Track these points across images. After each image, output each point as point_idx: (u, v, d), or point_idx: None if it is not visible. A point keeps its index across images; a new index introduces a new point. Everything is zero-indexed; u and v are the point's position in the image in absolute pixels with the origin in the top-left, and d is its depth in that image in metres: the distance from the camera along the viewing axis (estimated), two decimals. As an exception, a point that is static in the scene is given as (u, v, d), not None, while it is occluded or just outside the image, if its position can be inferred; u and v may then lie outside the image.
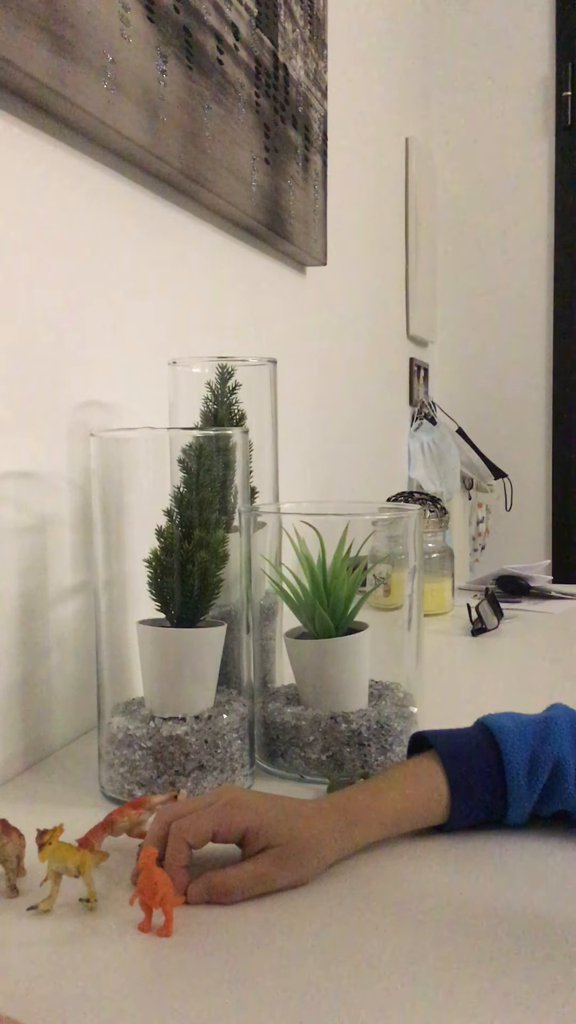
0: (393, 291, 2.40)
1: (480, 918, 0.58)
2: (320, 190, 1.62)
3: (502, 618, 1.47)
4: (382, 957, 0.53)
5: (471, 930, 0.56)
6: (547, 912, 0.58)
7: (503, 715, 0.73)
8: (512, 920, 0.57)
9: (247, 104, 1.28)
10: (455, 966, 0.52)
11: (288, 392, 1.27)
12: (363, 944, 0.55)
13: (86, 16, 0.87)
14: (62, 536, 0.92)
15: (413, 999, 0.49)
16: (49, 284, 0.90)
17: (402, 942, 0.55)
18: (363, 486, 2.07)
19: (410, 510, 0.87)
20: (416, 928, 0.57)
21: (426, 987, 0.50)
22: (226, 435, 0.81)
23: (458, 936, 0.55)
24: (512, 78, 2.86)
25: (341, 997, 0.49)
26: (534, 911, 0.59)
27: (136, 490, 0.80)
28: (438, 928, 0.56)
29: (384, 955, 0.53)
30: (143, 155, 1.02)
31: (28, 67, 0.79)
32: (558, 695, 0.82)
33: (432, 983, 0.51)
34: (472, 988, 0.50)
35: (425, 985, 0.51)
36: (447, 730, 0.72)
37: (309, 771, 0.81)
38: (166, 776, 0.74)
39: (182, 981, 0.51)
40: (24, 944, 0.55)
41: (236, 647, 0.81)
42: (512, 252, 2.89)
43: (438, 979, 0.51)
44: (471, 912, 0.58)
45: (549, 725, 0.70)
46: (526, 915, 0.58)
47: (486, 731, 0.71)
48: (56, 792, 0.80)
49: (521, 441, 2.90)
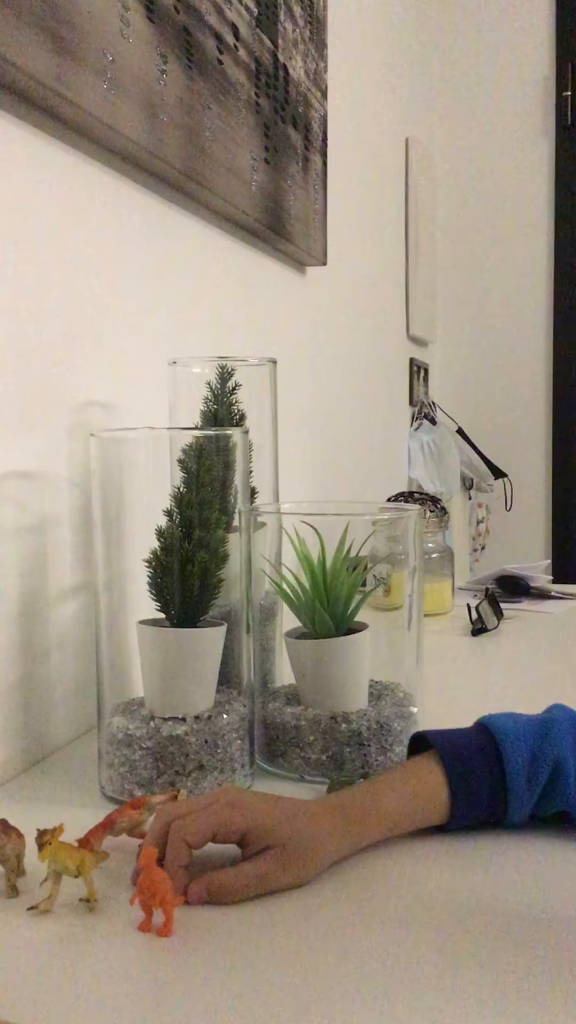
0: (393, 291, 2.40)
1: (480, 918, 0.58)
2: (320, 190, 1.62)
3: (502, 618, 1.47)
4: (382, 957, 0.53)
5: (471, 929, 0.56)
6: (547, 912, 0.58)
7: (503, 715, 0.73)
8: (512, 920, 0.57)
9: (247, 104, 1.28)
10: (455, 966, 0.52)
11: (288, 392, 1.27)
12: (363, 944, 0.55)
13: (86, 16, 0.87)
14: (62, 536, 0.92)
15: (413, 999, 0.49)
16: (49, 284, 0.90)
17: (402, 942, 0.55)
18: (363, 486, 2.07)
19: (410, 510, 0.87)
20: (416, 928, 0.57)
21: (426, 987, 0.50)
22: (226, 435, 0.81)
23: (458, 935, 0.55)
24: (512, 78, 2.86)
25: (341, 997, 0.49)
26: (534, 911, 0.59)
27: (136, 490, 0.80)
28: (438, 928, 0.56)
29: (384, 955, 0.53)
30: (143, 155, 1.02)
31: (28, 67, 0.79)
32: (558, 695, 0.82)
33: (432, 982, 0.51)
34: (472, 988, 0.50)
35: (425, 985, 0.50)
36: (447, 730, 0.72)
37: (309, 771, 0.81)
38: (166, 776, 0.74)
39: (182, 981, 0.51)
40: (24, 944, 0.55)
41: (236, 647, 0.81)
42: (512, 252, 2.89)
43: (438, 979, 0.51)
44: (471, 912, 0.58)
45: (549, 726, 0.70)
46: (526, 915, 0.58)
47: (486, 731, 0.71)
48: (56, 792, 0.80)
49: (521, 441, 2.90)
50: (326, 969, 0.52)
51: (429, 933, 0.56)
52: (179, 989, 0.50)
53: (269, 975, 0.51)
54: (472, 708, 1.05)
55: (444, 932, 0.56)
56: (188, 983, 0.51)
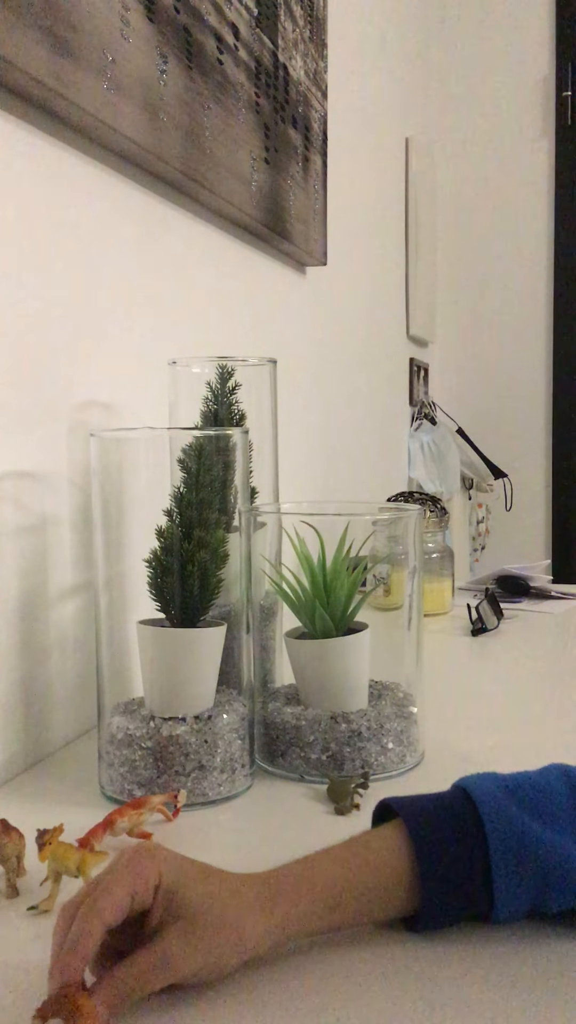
0: (393, 291, 2.40)
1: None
2: (320, 190, 1.62)
3: (502, 618, 1.47)
4: (382, 957, 0.53)
5: (470, 930, 0.56)
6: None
7: (485, 776, 0.58)
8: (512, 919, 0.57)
9: (247, 104, 1.28)
10: (453, 967, 0.52)
11: (288, 392, 1.27)
12: (361, 943, 0.55)
13: (86, 16, 0.87)
14: (62, 536, 0.92)
15: (413, 999, 0.49)
16: (49, 284, 0.90)
17: (402, 941, 0.55)
18: (363, 486, 2.07)
19: (410, 510, 0.87)
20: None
21: (426, 986, 0.50)
22: (226, 435, 0.81)
23: (457, 935, 0.55)
24: (512, 78, 2.86)
25: (341, 997, 0.49)
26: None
27: (136, 490, 0.80)
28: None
29: (384, 955, 0.53)
30: (143, 155, 1.02)
31: (28, 67, 0.79)
32: (558, 695, 0.82)
33: (432, 983, 0.51)
34: (472, 988, 0.50)
35: (425, 984, 0.50)
36: (415, 795, 0.58)
37: (309, 771, 0.81)
38: (166, 776, 0.74)
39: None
40: (24, 944, 0.55)
41: (236, 647, 0.81)
42: (512, 252, 2.89)
43: (438, 978, 0.51)
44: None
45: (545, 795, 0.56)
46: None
47: (463, 795, 0.56)
48: (56, 792, 0.80)
49: (521, 441, 2.90)
50: (326, 969, 0.52)
51: (430, 933, 0.56)
52: (179, 989, 0.50)
53: (269, 974, 0.51)
54: (472, 708, 1.05)
55: (444, 930, 0.56)
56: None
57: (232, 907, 0.49)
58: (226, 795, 0.77)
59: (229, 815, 0.74)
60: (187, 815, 0.74)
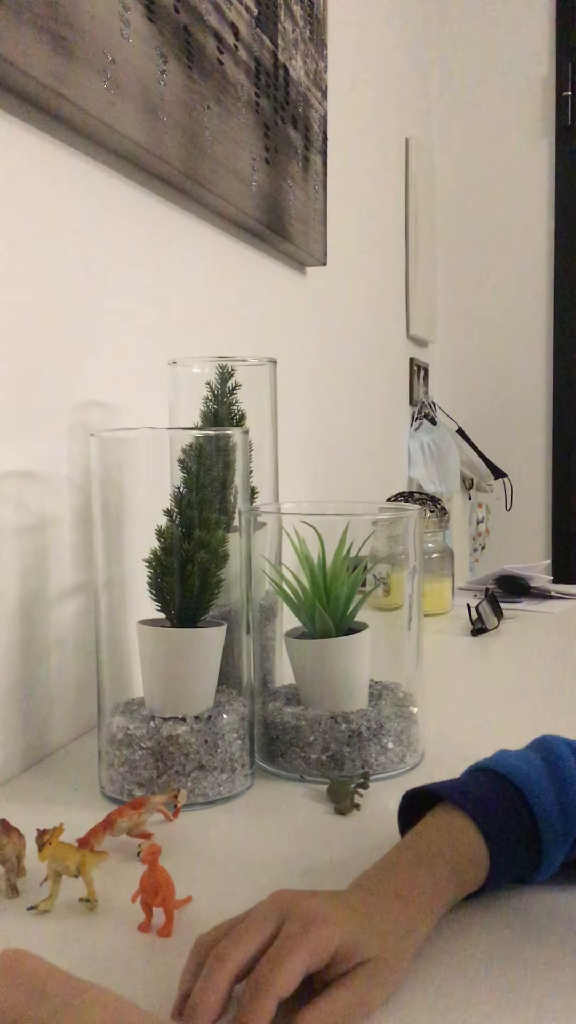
0: (393, 291, 2.40)
1: (480, 915, 0.58)
2: (320, 190, 1.62)
3: (502, 618, 1.47)
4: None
5: (470, 930, 0.56)
6: (546, 910, 0.58)
7: (507, 756, 0.64)
8: (512, 919, 0.57)
9: (247, 104, 1.28)
10: (454, 966, 0.52)
11: (288, 392, 1.27)
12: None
13: (86, 16, 0.87)
14: (62, 536, 0.92)
15: (413, 998, 0.49)
16: (49, 284, 0.90)
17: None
18: (363, 486, 2.07)
19: (410, 510, 0.87)
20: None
21: (426, 986, 0.50)
22: (226, 435, 0.81)
23: (457, 935, 0.55)
24: (512, 78, 2.86)
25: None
26: (533, 909, 0.58)
27: (136, 490, 0.80)
28: (438, 926, 0.56)
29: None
30: (143, 155, 1.02)
31: (28, 67, 0.79)
32: (558, 695, 0.82)
33: (432, 983, 0.51)
34: (471, 987, 0.50)
35: (424, 984, 0.51)
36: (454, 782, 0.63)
37: (309, 771, 0.81)
38: (166, 776, 0.74)
39: (182, 981, 0.51)
40: (24, 944, 0.55)
41: (236, 647, 0.81)
42: (512, 252, 2.89)
43: (438, 979, 0.51)
44: (470, 910, 0.58)
45: (558, 765, 0.62)
46: (525, 913, 0.58)
47: (504, 780, 0.61)
48: (56, 792, 0.80)
49: (521, 441, 2.90)
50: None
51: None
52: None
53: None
54: (472, 708, 1.05)
55: (443, 930, 0.56)
56: (188, 983, 0.51)
57: (399, 939, 0.51)
58: (226, 795, 0.77)
59: (229, 815, 0.74)
60: (187, 815, 0.74)
